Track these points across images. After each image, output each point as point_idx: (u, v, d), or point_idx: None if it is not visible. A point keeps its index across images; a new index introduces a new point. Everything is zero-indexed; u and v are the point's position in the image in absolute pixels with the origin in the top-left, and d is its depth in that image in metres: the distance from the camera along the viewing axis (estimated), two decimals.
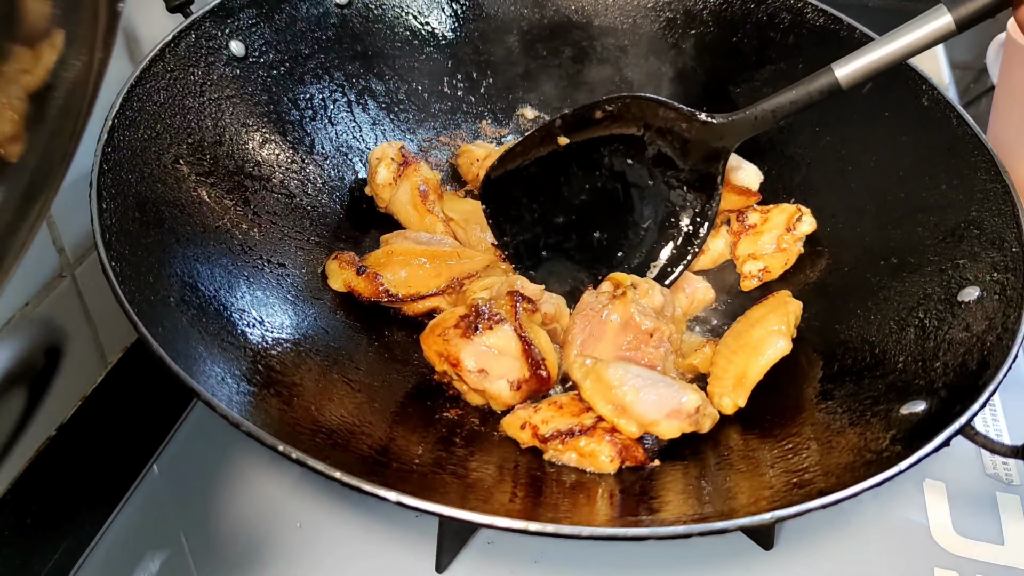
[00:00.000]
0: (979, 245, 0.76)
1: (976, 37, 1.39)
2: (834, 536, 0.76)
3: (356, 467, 0.61)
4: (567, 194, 0.85)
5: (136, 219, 0.69)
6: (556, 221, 0.85)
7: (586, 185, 0.85)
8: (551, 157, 0.83)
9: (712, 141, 0.81)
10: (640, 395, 0.69)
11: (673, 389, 0.70)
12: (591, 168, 0.84)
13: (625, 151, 0.84)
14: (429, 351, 0.75)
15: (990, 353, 0.66)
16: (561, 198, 0.85)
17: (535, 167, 0.84)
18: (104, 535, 0.73)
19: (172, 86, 0.78)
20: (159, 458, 0.79)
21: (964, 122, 0.82)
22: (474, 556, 0.73)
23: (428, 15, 1.00)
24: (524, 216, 0.85)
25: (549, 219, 0.85)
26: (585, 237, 0.85)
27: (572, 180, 0.84)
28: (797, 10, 0.95)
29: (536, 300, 0.77)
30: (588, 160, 0.84)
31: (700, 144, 0.81)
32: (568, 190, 0.85)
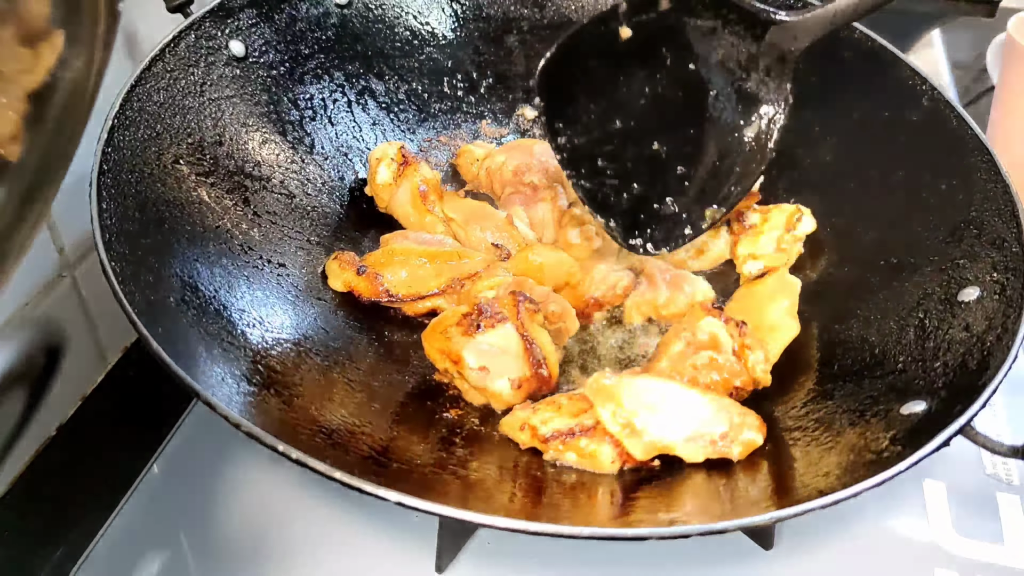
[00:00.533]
0: (979, 245, 0.76)
1: (976, 37, 1.40)
2: (834, 536, 0.75)
3: (356, 467, 0.61)
4: (626, 97, 0.78)
5: (136, 219, 0.69)
6: (614, 127, 0.79)
7: (646, 88, 0.78)
8: (611, 51, 0.77)
9: (783, 42, 0.74)
10: (655, 416, 0.67)
11: (703, 410, 0.68)
12: (652, 69, 0.77)
13: (689, 52, 0.76)
14: (431, 349, 0.75)
15: (990, 353, 0.66)
16: (620, 100, 0.78)
17: (594, 60, 0.77)
18: (104, 535, 0.73)
19: (172, 86, 0.78)
20: (159, 458, 0.79)
21: (964, 122, 0.82)
22: (474, 556, 0.73)
23: (428, 15, 1.00)
24: (581, 116, 0.78)
25: (607, 123, 0.79)
26: (645, 148, 0.79)
27: (632, 81, 0.78)
28: (797, 11, 0.95)
29: (540, 300, 0.77)
30: (649, 59, 0.77)
31: (770, 47, 0.75)
32: (628, 92, 0.78)
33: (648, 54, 0.77)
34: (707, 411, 0.69)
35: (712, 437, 0.68)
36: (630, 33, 0.75)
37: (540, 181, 0.92)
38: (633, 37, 0.75)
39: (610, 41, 0.76)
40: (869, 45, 0.91)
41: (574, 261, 0.86)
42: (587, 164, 0.79)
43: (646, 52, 0.77)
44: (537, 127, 1.04)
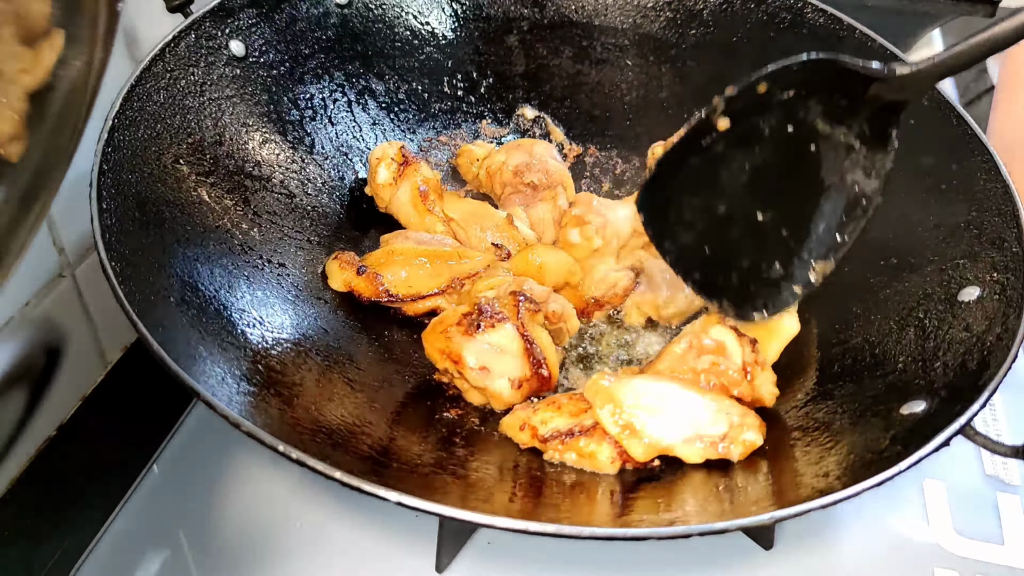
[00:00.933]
0: (979, 245, 0.76)
1: None
2: (834, 536, 0.76)
3: (356, 467, 0.61)
4: (727, 179, 0.75)
5: (136, 219, 0.69)
6: (718, 213, 0.75)
7: (746, 165, 0.74)
8: (710, 146, 0.73)
9: (889, 94, 0.70)
10: (655, 417, 0.67)
11: (703, 411, 0.68)
12: (750, 144, 0.74)
13: (787, 117, 0.73)
14: (431, 348, 0.75)
15: (990, 353, 0.66)
16: (721, 185, 0.75)
17: (693, 158, 0.74)
18: (104, 535, 0.73)
19: (172, 86, 0.78)
20: (159, 458, 0.79)
21: (964, 122, 0.82)
22: (474, 556, 0.73)
23: (428, 15, 1.00)
24: (684, 215, 0.75)
25: (710, 213, 0.76)
26: (749, 222, 0.76)
27: (731, 163, 0.74)
28: (797, 10, 0.95)
29: (540, 300, 0.77)
30: (748, 137, 0.74)
31: (875, 99, 0.71)
32: (728, 175, 0.74)
33: (746, 134, 0.74)
34: (707, 412, 0.69)
35: (712, 439, 0.68)
36: (728, 124, 0.72)
37: (540, 181, 0.92)
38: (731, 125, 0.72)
39: (708, 137, 0.73)
40: (869, 45, 0.91)
41: (574, 261, 0.86)
42: (695, 259, 0.76)
43: (744, 133, 0.74)
44: (537, 127, 1.04)
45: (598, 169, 1.02)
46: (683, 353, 0.74)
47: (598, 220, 0.88)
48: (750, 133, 0.73)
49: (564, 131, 1.04)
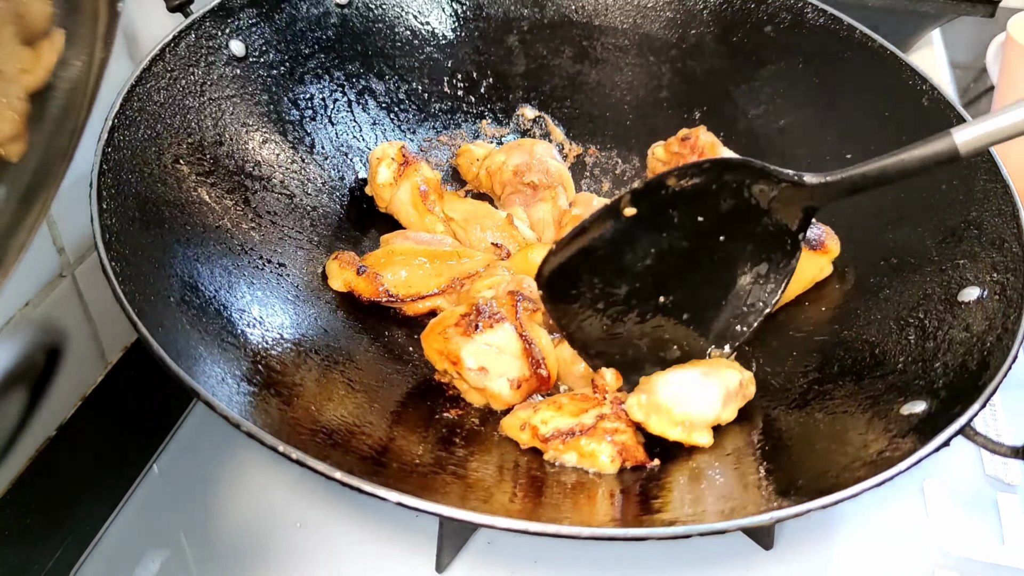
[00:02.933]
0: (979, 245, 0.76)
1: (976, 37, 1.40)
2: (834, 536, 0.76)
3: (356, 467, 0.61)
4: (630, 261, 0.76)
5: (136, 219, 0.69)
6: (619, 292, 0.77)
7: (651, 248, 0.76)
8: (615, 229, 0.74)
9: (799, 201, 0.73)
10: (697, 403, 0.70)
11: (713, 377, 0.71)
12: (658, 230, 0.75)
13: (697, 208, 0.74)
14: (430, 349, 0.75)
15: (990, 353, 0.66)
16: (623, 267, 0.76)
17: (596, 242, 0.75)
18: (104, 535, 0.73)
19: (172, 86, 0.78)
20: (159, 458, 0.79)
21: (964, 122, 0.81)
22: (474, 556, 0.73)
23: (428, 15, 1.00)
24: (584, 295, 0.76)
25: (612, 292, 0.77)
26: (650, 304, 0.77)
27: (636, 246, 0.75)
28: (797, 10, 0.95)
29: (538, 300, 0.77)
30: (655, 223, 0.75)
31: (786, 201, 0.74)
32: (631, 256, 0.76)
33: (653, 219, 0.75)
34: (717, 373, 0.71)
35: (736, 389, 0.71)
36: (634, 211, 0.73)
37: (540, 181, 0.92)
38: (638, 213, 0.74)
39: (612, 222, 0.74)
40: (869, 45, 0.91)
41: None
42: (594, 337, 0.77)
43: (651, 218, 0.75)
44: (537, 127, 1.04)
45: (598, 169, 1.02)
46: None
47: None
48: (658, 218, 0.75)
49: (564, 131, 1.04)
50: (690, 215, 0.75)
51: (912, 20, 1.26)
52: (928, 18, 1.25)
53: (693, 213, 0.74)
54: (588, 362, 0.77)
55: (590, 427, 0.69)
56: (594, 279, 0.76)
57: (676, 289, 0.77)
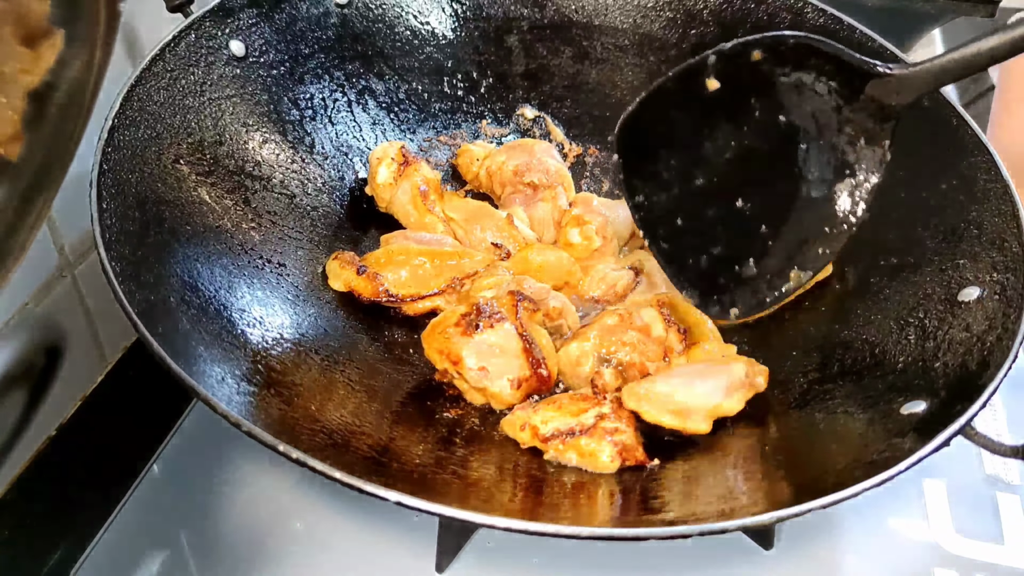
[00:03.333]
0: (979, 245, 0.76)
1: None
2: (834, 536, 0.75)
3: (356, 467, 0.61)
4: (710, 151, 0.72)
5: (136, 219, 0.69)
6: (696, 183, 0.73)
7: (732, 142, 0.71)
8: (696, 104, 0.71)
9: (885, 97, 0.68)
10: (693, 390, 0.70)
11: (717, 368, 0.71)
12: (739, 122, 0.71)
13: (779, 104, 0.71)
14: (430, 349, 0.75)
15: (990, 353, 0.66)
16: (704, 155, 0.72)
17: (677, 113, 0.71)
18: (104, 535, 0.73)
19: (172, 86, 0.78)
20: (159, 458, 0.79)
21: (964, 122, 0.82)
22: (474, 556, 0.73)
23: (428, 15, 1.00)
24: (661, 173, 0.72)
25: (689, 180, 0.72)
26: (728, 206, 0.73)
27: (717, 135, 0.72)
28: (797, 10, 0.95)
29: (539, 299, 0.77)
30: (737, 112, 0.71)
31: (869, 100, 0.69)
32: (712, 146, 0.72)
33: (735, 106, 0.72)
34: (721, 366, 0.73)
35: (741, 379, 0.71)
36: (718, 85, 0.70)
37: (540, 181, 0.92)
38: (721, 89, 0.70)
39: (696, 94, 0.70)
40: (869, 45, 0.91)
41: (574, 261, 0.86)
42: (665, 224, 0.73)
43: (733, 104, 0.71)
44: (537, 127, 1.04)
45: (598, 169, 1.02)
46: (613, 326, 0.76)
47: (598, 220, 0.88)
48: (739, 105, 0.71)
49: (564, 131, 1.04)
50: (772, 111, 0.71)
51: (912, 20, 1.26)
52: (928, 18, 1.26)
53: (775, 109, 0.71)
54: (651, 246, 0.73)
55: (590, 427, 0.69)
56: (672, 158, 0.72)
57: (756, 196, 0.73)
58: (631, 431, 0.70)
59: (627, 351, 0.76)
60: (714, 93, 0.70)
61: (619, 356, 0.76)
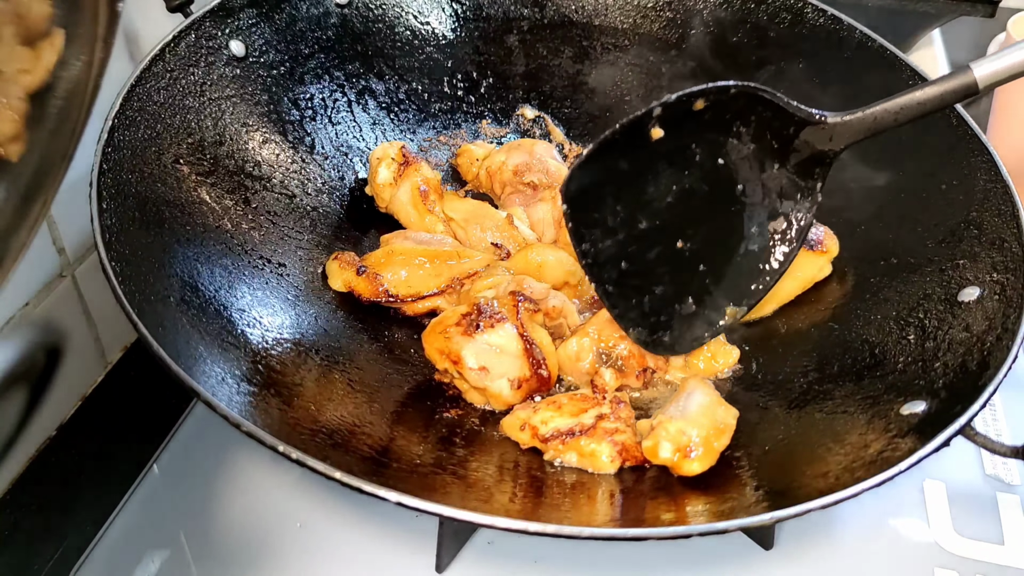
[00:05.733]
0: (979, 245, 0.76)
1: (976, 37, 1.39)
2: (834, 536, 0.76)
3: (356, 467, 0.61)
4: (653, 195, 0.75)
5: (136, 219, 0.69)
6: (639, 227, 0.76)
7: (673, 185, 0.75)
8: (640, 152, 0.74)
9: (818, 143, 0.72)
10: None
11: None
12: (680, 166, 0.75)
13: (719, 147, 0.74)
14: (430, 348, 0.75)
15: (990, 353, 0.66)
16: (646, 199, 0.75)
17: (623, 161, 0.74)
18: (104, 535, 0.73)
19: (172, 86, 0.78)
20: (159, 458, 0.79)
21: (964, 122, 0.82)
22: (474, 556, 0.73)
23: (428, 15, 1.00)
24: (606, 219, 0.75)
25: (632, 224, 0.76)
26: (668, 246, 0.76)
27: (659, 178, 0.75)
28: (797, 10, 0.95)
29: (539, 298, 0.77)
30: (678, 156, 0.74)
31: (805, 145, 0.73)
32: (654, 190, 0.75)
33: (677, 152, 0.74)
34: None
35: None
36: (662, 133, 0.72)
37: (540, 181, 0.92)
38: (664, 137, 0.72)
39: (640, 143, 0.73)
40: (869, 45, 0.91)
41: (574, 261, 0.86)
42: (611, 269, 0.76)
43: (676, 150, 0.74)
44: (537, 127, 1.04)
45: None
46: (611, 319, 0.77)
47: None
48: (682, 152, 0.74)
49: (564, 131, 1.04)
50: (711, 155, 0.74)
51: (912, 20, 1.26)
52: (928, 18, 1.25)
53: (715, 153, 0.74)
54: (597, 290, 0.75)
55: (590, 427, 0.69)
56: (617, 205, 0.75)
57: (695, 236, 0.76)
58: (631, 431, 0.70)
59: (626, 344, 0.76)
60: (658, 141, 0.73)
61: (618, 350, 0.76)
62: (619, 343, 0.76)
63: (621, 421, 0.70)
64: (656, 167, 0.74)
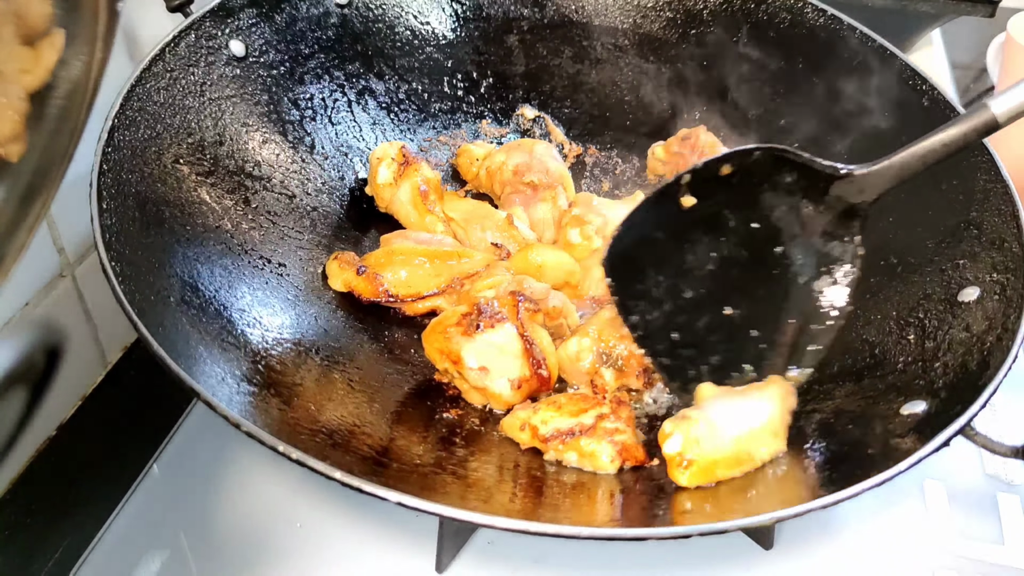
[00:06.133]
0: (979, 245, 0.76)
1: (976, 37, 1.39)
2: (834, 536, 0.76)
3: (356, 467, 0.61)
4: (693, 263, 0.75)
5: (136, 219, 0.69)
6: (685, 296, 0.76)
7: (712, 252, 0.75)
8: (674, 221, 0.74)
9: (849, 196, 0.73)
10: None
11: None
12: (717, 232, 0.75)
13: (753, 212, 0.75)
14: (430, 348, 0.75)
15: (990, 353, 0.66)
16: (688, 268, 0.76)
17: (659, 231, 0.75)
18: (104, 535, 0.73)
19: (172, 86, 0.78)
20: (159, 458, 0.79)
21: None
22: (474, 556, 0.73)
23: (428, 15, 1.00)
24: (650, 290, 0.75)
25: (677, 294, 0.75)
26: (717, 314, 0.76)
27: (697, 247, 0.75)
28: (797, 10, 0.95)
29: (539, 298, 0.77)
30: (713, 222, 0.75)
31: (837, 200, 0.73)
32: (694, 258, 0.75)
33: (712, 219, 0.75)
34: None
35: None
36: (694, 201, 0.73)
37: (540, 181, 0.92)
38: (696, 204, 0.73)
39: (673, 211, 0.73)
40: (869, 45, 0.91)
41: (574, 261, 0.86)
42: (662, 340, 0.75)
43: (709, 217, 0.74)
44: (537, 127, 1.04)
45: (598, 169, 1.02)
46: (611, 319, 0.77)
47: (598, 220, 0.88)
48: (715, 218, 0.74)
49: (564, 131, 1.04)
50: (746, 219, 0.74)
51: (912, 20, 1.26)
52: (928, 18, 1.26)
53: (748, 217, 0.74)
54: (654, 363, 0.75)
55: (590, 427, 0.69)
56: (659, 275, 0.75)
57: (742, 302, 0.76)
58: (631, 431, 0.70)
59: (626, 344, 0.76)
60: (690, 209, 0.73)
61: (618, 351, 0.76)
62: (619, 343, 0.76)
63: (621, 421, 0.70)
64: (693, 235, 0.75)
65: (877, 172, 0.71)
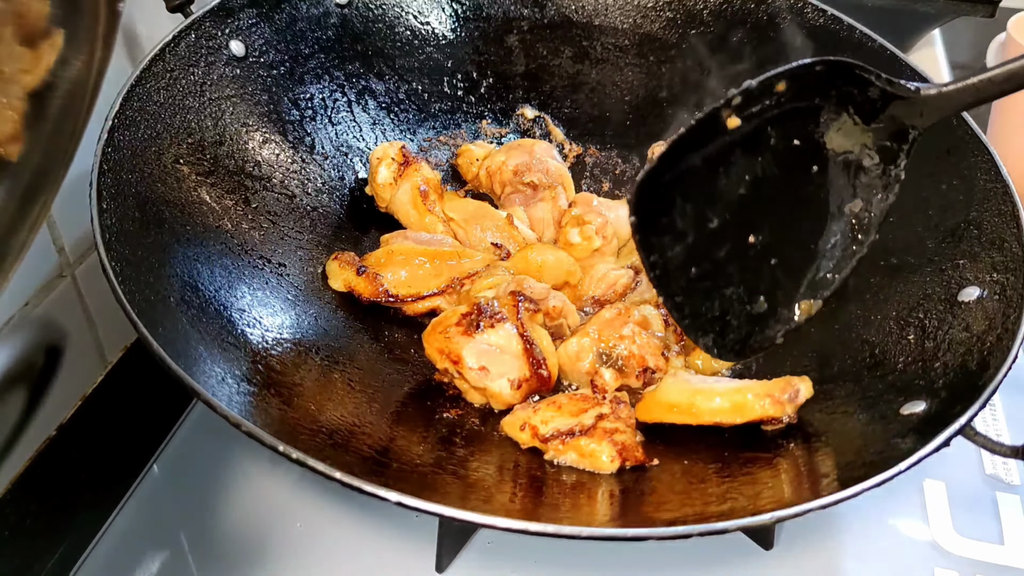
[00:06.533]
0: (979, 245, 0.76)
1: (976, 37, 1.39)
2: (834, 536, 0.76)
3: (356, 467, 0.61)
4: (723, 187, 0.69)
5: (136, 219, 0.69)
6: (710, 225, 0.70)
7: (746, 175, 0.69)
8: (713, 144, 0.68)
9: (907, 118, 0.67)
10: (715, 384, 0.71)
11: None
12: (753, 152, 0.69)
13: (795, 127, 0.68)
14: (430, 348, 0.75)
15: (990, 353, 0.66)
16: (717, 193, 0.70)
17: (695, 159, 0.68)
18: (104, 535, 0.73)
19: (172, 86, 0.78)
20: (159, 458, 0.79)
21: (964, 122, 0.82)
22: (474, 556, 0.73)
23: (428, 15, 1.00)
24: (675, 223, 0.69)
25: (703, 223, 0.70)
26: (739, 244, 0.71)
27: (731, 169, 0.69)
28: (797, 10, 0.95)
29: (540, 298, 0.77)
30: (751, 142, 0.68)
31: (890, 120, 0.67)
32: (726, 182, 0.69)
33: (751, 136, 0.68)
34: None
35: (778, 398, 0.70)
36: (738, 122, 0.66)
37: (540, 181, 0.92)
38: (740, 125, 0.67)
39: (713, 136, 0.67)
40: (869, 45, 0.91)
41: (574, 261, 0.86)
42: (680, 277, 0.70)
43: (750, 134, 0.68)
44: (537, 127, 1.04)
45: (598, 169, 1.02)
46: (612, 319, 0.77)
47: (598, 220, 0.88)
48: (756, 137, 0.69)
49: (564, 131, 1.04)
50: (786, 136, 0.69)
51: (912, 20, 1.26)
52: (928, 18, 1.26)
53: (790, 133, 0.68)
54: (666, 303, 0.70)
55: (590, 427, 0.69)
56: (686, 205, 0.69)
57: (767, 228, 0.71)
58: (631, 431, 0.70)
59: (626, 344, 0.76)
60: (733, 130, 0.67)
61: (618, 351, 0.76)
62: (619, 343, 0.76)
63: (621, 421, 0.70)
64: (729, 157, 0.69)
65: (947, 94, 0.65)
